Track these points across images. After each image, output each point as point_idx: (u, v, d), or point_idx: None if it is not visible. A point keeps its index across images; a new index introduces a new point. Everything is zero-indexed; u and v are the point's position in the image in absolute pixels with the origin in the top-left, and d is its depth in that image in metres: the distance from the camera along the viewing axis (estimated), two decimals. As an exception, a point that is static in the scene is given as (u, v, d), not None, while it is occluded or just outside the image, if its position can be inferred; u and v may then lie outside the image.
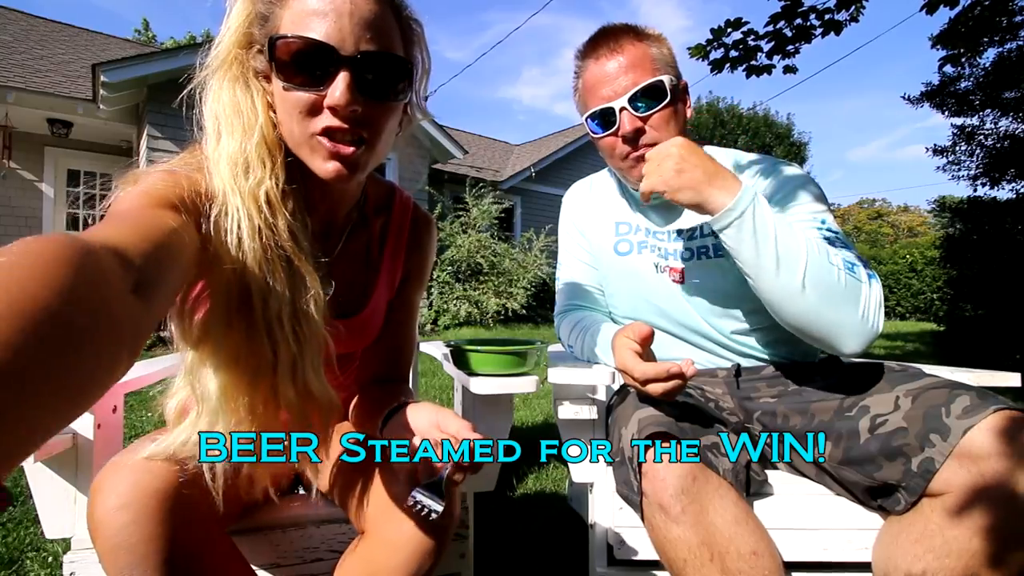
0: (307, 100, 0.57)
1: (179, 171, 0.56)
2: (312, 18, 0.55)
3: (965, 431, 0.66)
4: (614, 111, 0.92)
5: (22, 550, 1.30)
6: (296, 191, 0.61)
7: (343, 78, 0.56)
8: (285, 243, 0.57)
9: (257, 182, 0.56)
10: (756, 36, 3.10)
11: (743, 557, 0.69)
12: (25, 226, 6.66)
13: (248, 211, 0.55)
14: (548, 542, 1.41)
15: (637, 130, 0.92)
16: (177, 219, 0.49)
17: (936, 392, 0.73)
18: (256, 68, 0.60)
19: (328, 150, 0.58)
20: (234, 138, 0.57)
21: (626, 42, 0.94)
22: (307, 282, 0.59)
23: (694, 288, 1.01)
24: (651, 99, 0.92)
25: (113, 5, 77.05)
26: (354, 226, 0.77)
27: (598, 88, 0.94)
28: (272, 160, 0.58)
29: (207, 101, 0.59)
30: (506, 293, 7.85)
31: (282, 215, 0.57)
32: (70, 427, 0.79)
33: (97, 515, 0.55)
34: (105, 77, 5.44)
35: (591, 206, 1.16)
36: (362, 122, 0.59)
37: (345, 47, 0.56)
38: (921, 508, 0.69)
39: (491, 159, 12.14)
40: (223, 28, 0.59)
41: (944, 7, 2.90)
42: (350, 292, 0.76)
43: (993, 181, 6.47)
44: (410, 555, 0.64)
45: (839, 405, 0.84)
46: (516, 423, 2.65)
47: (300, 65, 0.56)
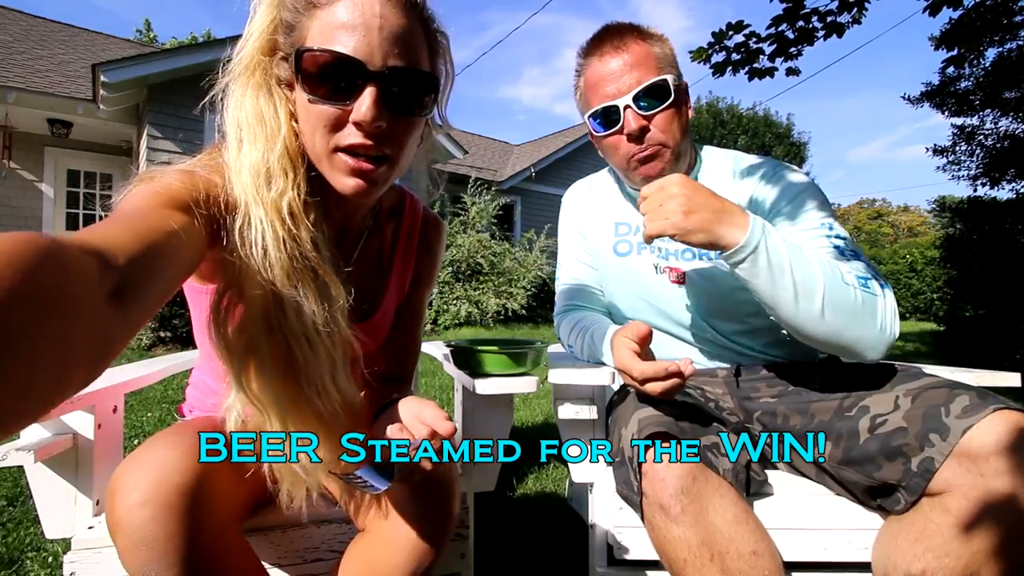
0: (332, 114, 0.56)
1: (197, 171, 0.56)
2: (341, 31, 0.54)
3: (965, 431, 0.66)
4: (618, 109, 0.92)
5: (22, 550, 1.30)
6: (317, 202, 0.60)
7: (370, 93, 0.55)
8: (309, 253, 0.57)
9: (280, 193, 0.56)
10: (758, 39, 3.10)
11: (743, 557, 0.69)
12: (25, 226, 6.66)
13: (272, 222, 0.54)
14: (548, 542, 1.41)
15: (642, 128, 0.91)
16: (183, 220, 0.48)
17: (935, 392, 0.73)
18: (279, 76, 0.59)
19: (350, 166, 0.58)
20: (256, 147, 0.56)
21: (630, 40, 0.94)
22: (332, 290, 0.59)
23: (694, 289, 1.00)
24: (655, 98, 0.91)
25: (113, 5, 77.08)
26: (368, 232, 0.78)
27: (601, 86, 0.94)
28: (295, 171, 0.58)
29: (229, 107, 0.58)
30: (506, 293, 7.84)
31: (304, 226, 0.57)
32: (70, 427, 0.79)
33: (118, 511, 0.55)
34: (105, 77, 5.44)
35: (591, 206, 1.16)
36: (386, 138, 0.58)
37: (373, 62, 0.55)
38: (921, 508, 0.69)
39: (491, 159, 12.14)
40: (246, 32, 0.59)
41: (947, 8, 2.90)
42: (363, 297, 0.77)
43: (993, 181, 6.47)
44: (409, 553, 0.64)
45: (839, 405, 0.84)
46: (516, 423, 2.66)
47: (327, 78, 0.55)
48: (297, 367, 0.57)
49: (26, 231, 0.29)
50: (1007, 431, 0.64)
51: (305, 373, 0.57)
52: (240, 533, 0.69)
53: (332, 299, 0.59)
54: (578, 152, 11.89)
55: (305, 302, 0.56)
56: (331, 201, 0.65)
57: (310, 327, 0.56)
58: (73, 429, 0.79)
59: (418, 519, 0.66)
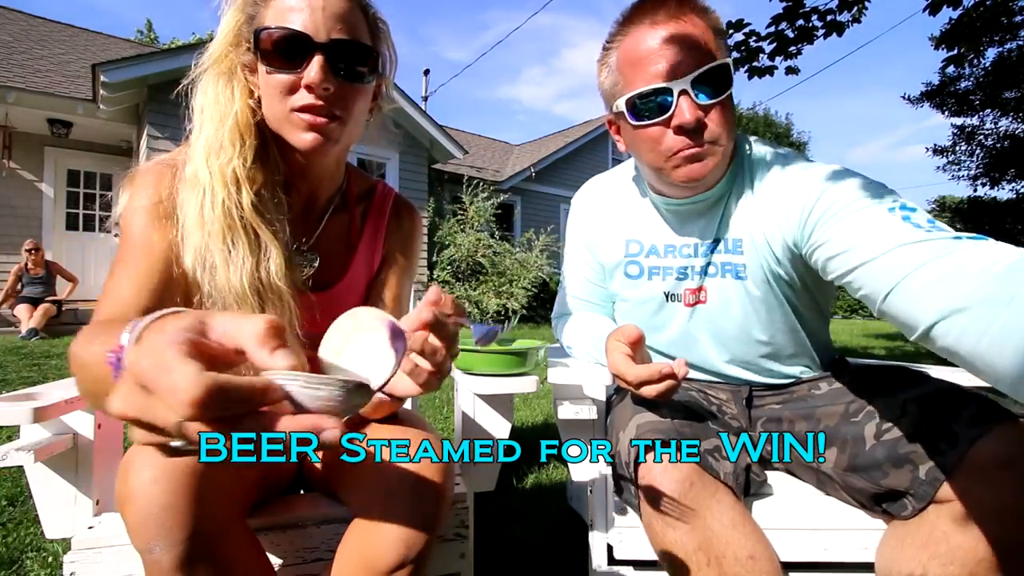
0: (287, 81, 0.66)
1: (166, 160, 0.69)
2: (291, 13, 0.65)
3: (973, 440, 0.64)
4: (672, 93, 0.76)
5: (22, 550, 1.30)
6: (267, 169, 0.70)
7: (317, 61, 0.65)
8: (247, 214, 0.66)
9: (227, 160, 0.65)
10: (758, 37, 3.10)
11: (740, 561, 0.69)
12: (25, 226, 6.65)
13: (213, 186, 0.64)
14: (548, 542, 1.41)
15: (698, 121, 0.76)
16: (163, 228, 0.65)
17: (944, 399, 0.72)
18: (243, 63, 0.69)
19: (306, 122, 0.67)
20: (212, 124, 0.67)
21: (690, 11, 0.78)
22: (268, 246, 0.67)
23: (711, 311, 0.93)
24: (716, 86, 0.77)
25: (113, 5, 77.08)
26: (335, 208, 0.84)
27: (650, 62, 0.77)
28: (242, 142, 0.67)
29: (195, 96, 0.69)
30: (506, 293, 7.85)
31: (247, 190, 0.66)
32: (70, 427, 0.79)
33: (130, 486, 0.57)
34: (105, 77, 5.44)
35: (601, 218, 1.04)
36: (335, 100, 0.68)
37: (319, 35, 0.65)
38: (927, 514, 0.68)
39: (491, 159, 12.14)
40: (218, 32, 0.69)
41: (947, 7, 2.90)
42: (329, 268, 0.82)
43: (993, 181, 6.48)
44: (402, 532, 0.65)
45: (845, 410, 0.83)
46: (516, 423, 2.65)
47: (280, 51, 0.66)
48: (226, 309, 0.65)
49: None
50: (1016, 441, 0.63)
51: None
52: (245, 519, 0.69)
53: (266, 256, 0.67)
54: (578, 152, 11.90)
55: (236, 253, 0.65)
56: (295, 174, 0.75)
57: (236, 278, 0.64)
58: (73, 429, 0.79)
59: (410, 498, 0.66)
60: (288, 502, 0.83)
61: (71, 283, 5.92)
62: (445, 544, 0.85)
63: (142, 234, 0.65)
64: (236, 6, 0.69)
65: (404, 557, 0.64)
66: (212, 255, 0.64)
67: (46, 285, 5.63)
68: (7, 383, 3.00)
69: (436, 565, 0.83)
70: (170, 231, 0.65)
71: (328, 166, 0.79)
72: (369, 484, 0.70)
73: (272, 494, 0.82)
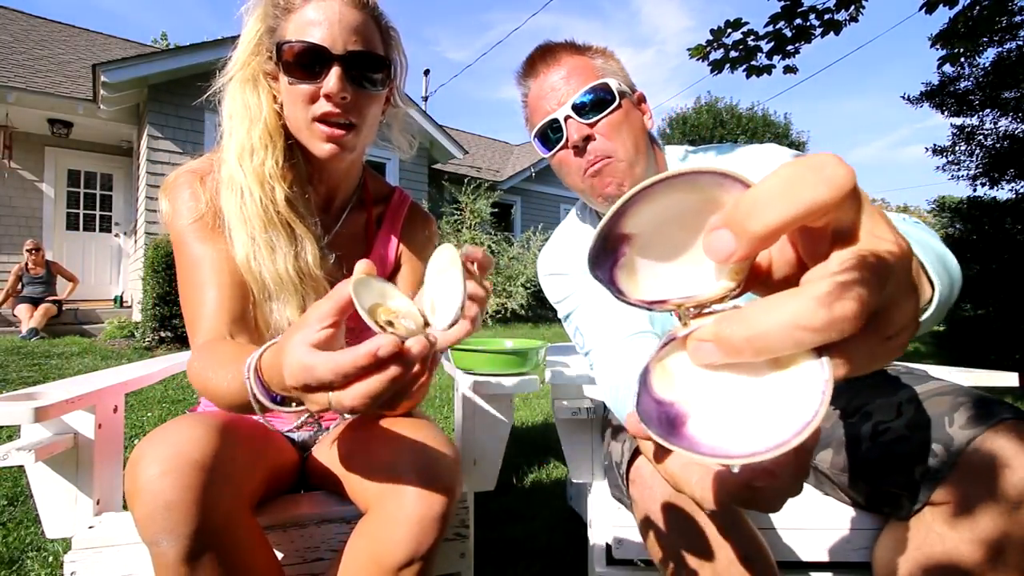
0: (307, 91, 0.71)
1: (197, 169, 0.76)
2: (310, 26, 0.69)
3: (969, 441, 0.65)
4: (559, 121, 0.84)
5: (22, 550, 1.31)
6: (296, 169, 0.76)
7: (335, 72, 0.69)
8: (283, 209, 0.72)
9: (260, 161, 0.71)
10: (756, 36, 3.10)
11: (734, 563, 0.69)
12: (25, 226, 6.66)
13: (249, 186, 0.70)
14: (548, 542, 1.41)
15: (586, 138, 0.82)
16: (215, 239, 0.72)
17: (940, 400, 0.72)
18: (265, 70, 0.74)
19: (325, 134, 0.72)
20: (242, 128, 0.72)
21: (562, 54, 0.87)
22: (303, 238, 0.74)
23: None
24: (597, 104, 0.83)
25: (113, 5, 77.04)
26: (352, 207, 0.89)
27: (540, 103, 0.86)
28: (273, 144, 0.73)
29: (224, 103, 0.74)
30: (505, 293, 7.84)
31: (281, 188, 0.72)
32: (71, 427, 0.79)
33: (139, 480, 0.58)
34: (105, 77, 5.44)
35: (574, 267, 0.96)
36: (351, 108, 0.72)
37: (336, 47, 0.69)
38: (923, 515, 0.68)
39: (491, 159, 12.13)
40: (240, 41, 0.74)
41: (943, 6, 2.90)
42: (346, 263, 0.83)
43: (993, 181, 6.47)
44: (412, 529, 0.65)
45: (841, 411, 0.83)
46: (516, 423, 2.66)
47: (301, 63, 0.70)
48: (271, 296, 0.73)
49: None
50: (1011, 443, 0.63)
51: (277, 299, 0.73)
52: (252, 514, 0.70)
53: (304, 247, 0.74)
54: (578, 152, 11.85)
55: (278, 244, 0.71)
56: (314, 174, 0.81)
57: (283, 268, 0.71)
58: (74, 429, 0.79)
59: (420, 496, 0.67)
60: (289, 502, 0.83)
61: (71, 283, 5.92)
62: (445, 544, 0.85)
63: (202, 251, 0.72)
64: (257, 15, 0.73)
65: (414, 553, 0.65)
66: (259, 248, 0.70)
67: (46, 285, 5.64)
68: (7, 383, 3.00)
69: (436, 565, 0.84)
70: (220, 238, 0.72)
71: (345, 167, 0.83)
72: (380, 481, 0.70)
73: (278, 489, 0.83)
